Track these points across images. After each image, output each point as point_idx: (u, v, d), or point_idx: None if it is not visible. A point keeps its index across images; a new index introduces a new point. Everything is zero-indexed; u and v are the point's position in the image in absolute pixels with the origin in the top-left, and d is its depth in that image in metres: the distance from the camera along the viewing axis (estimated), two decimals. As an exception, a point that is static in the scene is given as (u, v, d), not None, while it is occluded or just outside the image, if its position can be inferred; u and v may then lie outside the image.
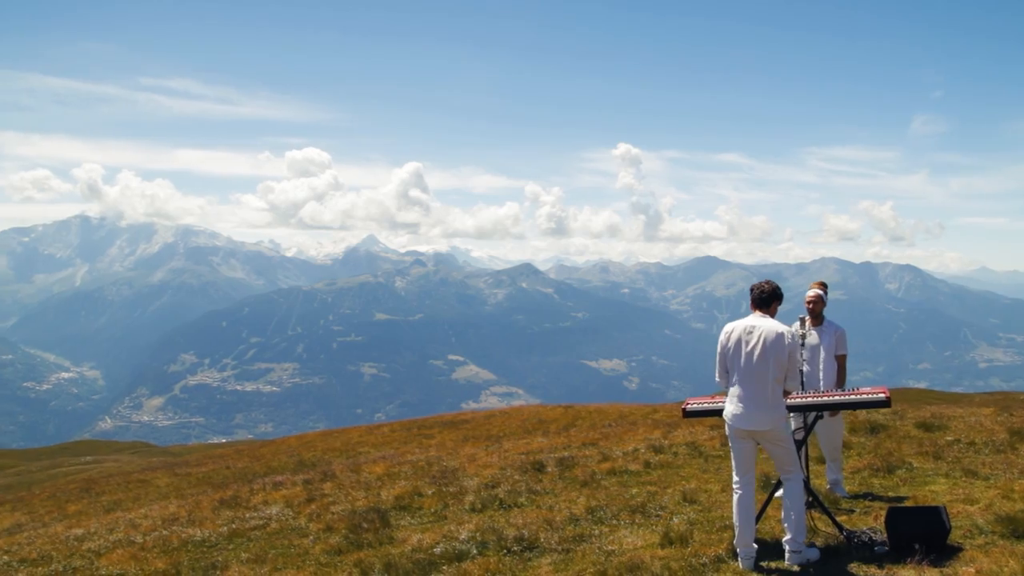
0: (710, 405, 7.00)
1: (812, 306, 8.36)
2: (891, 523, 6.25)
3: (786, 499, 6.23)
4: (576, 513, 8.24)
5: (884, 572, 5.83)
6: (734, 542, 6.24)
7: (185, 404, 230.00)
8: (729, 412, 6.33)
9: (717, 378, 6.50)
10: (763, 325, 6.30)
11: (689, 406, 7.15)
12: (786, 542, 6.16)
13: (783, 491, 6.30)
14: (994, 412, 13.67)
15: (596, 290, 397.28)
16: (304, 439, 29.93)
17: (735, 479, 6.33)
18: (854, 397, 6.68)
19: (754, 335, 6.27)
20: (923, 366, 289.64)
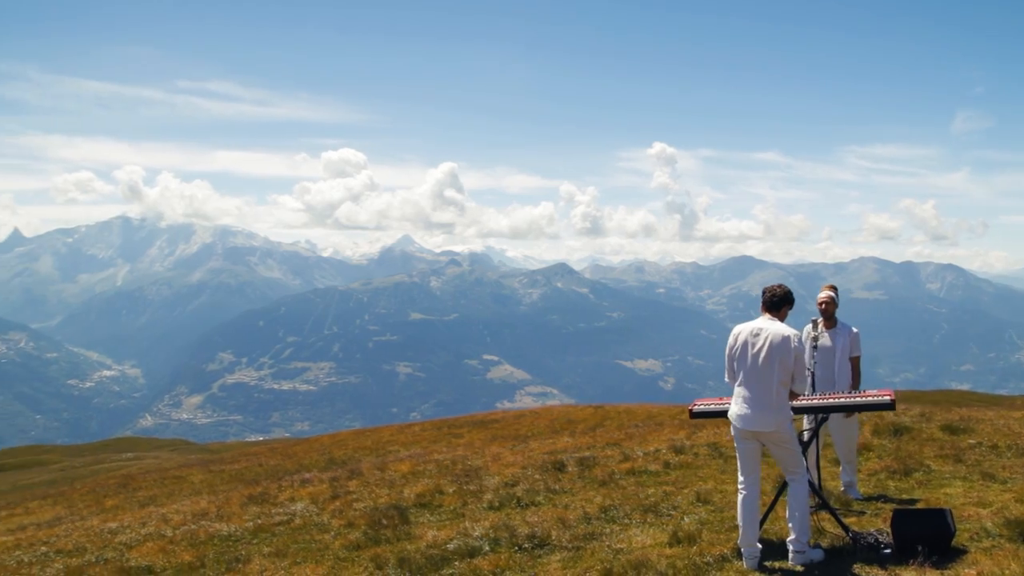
0: (716, 407, 7.09)
1: (824, 308, 8.40)
2: (896, 525, 6.32)
3: (790, 500, 6.32)
4: (590, 512, 8.38)
5: (887, 573, 5.90)
6: (738, 542, 6.36)
7: (223, 402, 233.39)
8: (733, 413, 6.44)
9: (727, 379, 6.62)
10: (770, 328, 6.39)
11: (696, 407, 7.26)
12: (790, 542, 6.25)
13: (788, 492, 6.39)
14: (1024, 416, 13.51)
15: (631, 290, 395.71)
16: (337, 438, 30.35)
17: (740, 479, 6.44)
18: (859, 399, 6.74)
19: (760, 337, 6.37)
20: (966, 368, 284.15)
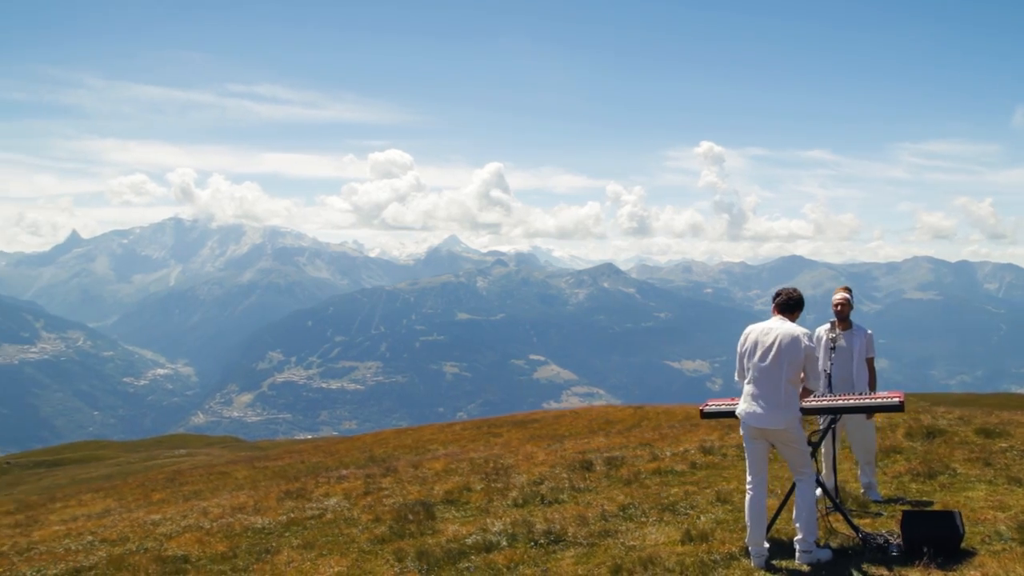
0: (728, 406, 7.20)
1: (840, 309, 8.44)
2: (905, 526, 6.39)
3: (797, 500, 6.42)
4: (609, 510, 8.55)
5: (892, 574, 5.97)
6: (746, 541, 6.48)
7: (273, 401, 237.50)
8: (742, 410, 6.57)
9: (736, 378, 6.75)
10: (780, 328, 6.52)
11: (707, 407, 7.38)
12: (796, 542, 6.36)
13: (795, 491, 6.50)
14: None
15: (678, 290, 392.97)
16: (379, 436, 30.81)
17: (748, 479, 6.56)
18: (868, 401, 6.81)
19: (770, 336, 6.50)
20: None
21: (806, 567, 6.26)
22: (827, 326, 8.46)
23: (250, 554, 8.39)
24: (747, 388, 6.60)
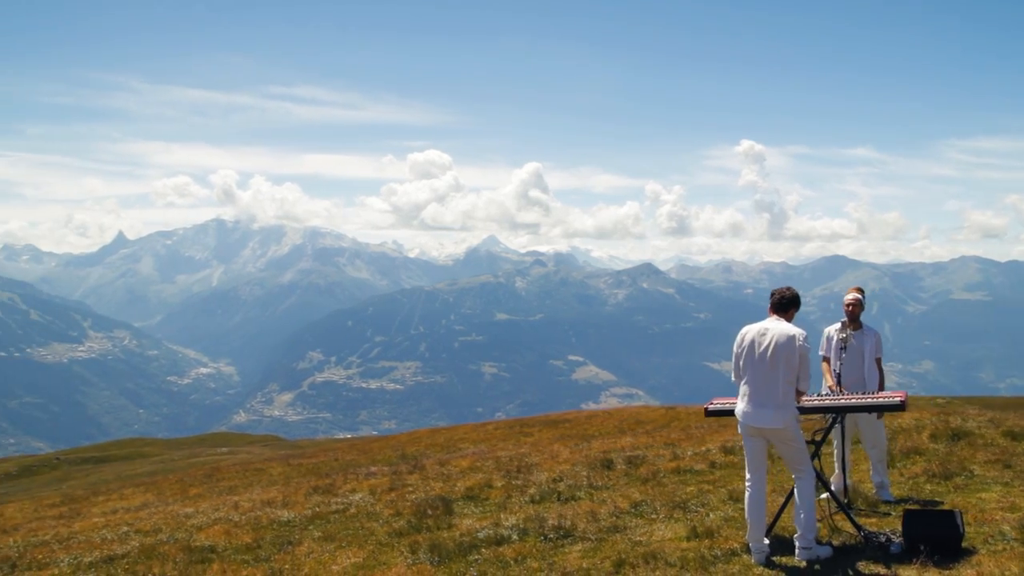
0: (731, 405, 7.33)
1: (851, 310, 8.52)
2: (906, 525, 6.48)
3: (796, 498, 6.55)
4: (621, 507, 8.72)
5: (889, 572, 6.08)
6: (746, 538, 6.62)
7: (313, 400, 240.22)
8: (740, 410, 6.71)
9: (733, 378, 6.88)
10: (776, 328, 6.66)
11: (711, 406, 7.52)
12: (796, 539, 6.50)
13: (795, 490, 6.62)
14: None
15: (718, 290, 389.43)
16: (414, 435, 31.16)
17: (747, 477, 6.70)
18: (869, 400, 6.89)
19: (767, 336, 6.63)
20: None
21: (805, 564, 6.39)
22: (837, 326, 8.55)
23: (273, 545, 8.74)
24: (744, 388, 6.72)
